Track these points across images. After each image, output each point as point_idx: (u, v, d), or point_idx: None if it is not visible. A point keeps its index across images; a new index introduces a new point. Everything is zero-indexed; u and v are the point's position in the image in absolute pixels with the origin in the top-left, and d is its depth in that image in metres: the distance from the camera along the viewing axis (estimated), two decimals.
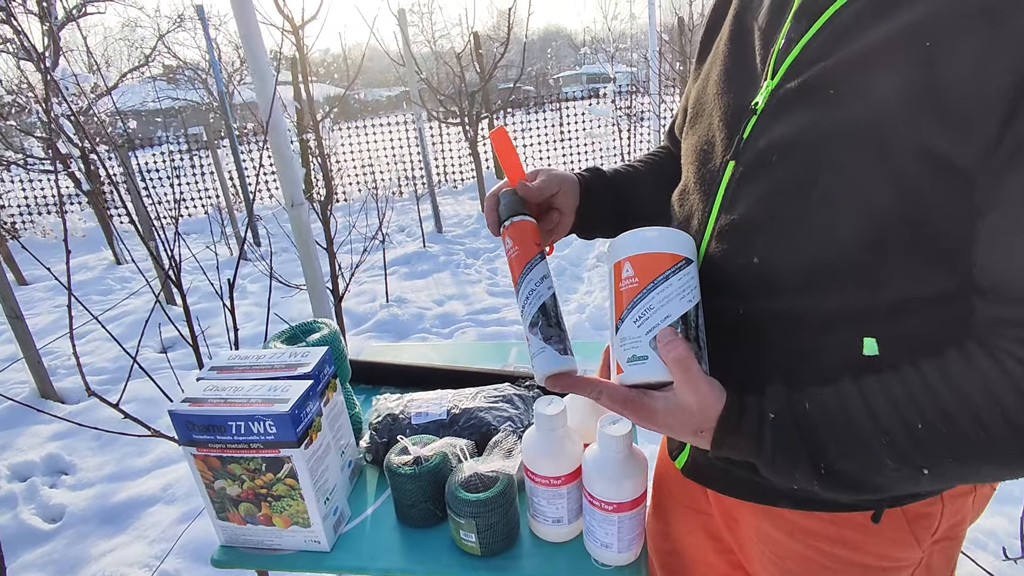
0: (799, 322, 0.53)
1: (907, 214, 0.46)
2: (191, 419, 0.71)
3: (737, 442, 0.50)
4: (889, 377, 0.48)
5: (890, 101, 0.45)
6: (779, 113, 0.53)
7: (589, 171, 0.77)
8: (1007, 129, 0.41)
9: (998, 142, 0.42)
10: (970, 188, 0.44)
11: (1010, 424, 0.42)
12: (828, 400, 0.49)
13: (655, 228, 0.56)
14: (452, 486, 0.72)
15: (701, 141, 0.64)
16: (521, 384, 0.99)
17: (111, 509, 1.96)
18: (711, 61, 0.68)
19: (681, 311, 0.53)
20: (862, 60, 0.48)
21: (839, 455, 0.47)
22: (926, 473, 0.46)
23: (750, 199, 0.55)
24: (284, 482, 0.73)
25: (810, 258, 0.51)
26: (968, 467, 0.45)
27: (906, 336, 0.50)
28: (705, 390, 0.50)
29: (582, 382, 0.54)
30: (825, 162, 0.49)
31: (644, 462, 0.68)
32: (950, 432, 0.44)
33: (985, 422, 0.43)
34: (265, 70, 1.43)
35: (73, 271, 5.32)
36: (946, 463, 0.45)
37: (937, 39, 0.44)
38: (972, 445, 0.44)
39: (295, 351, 0.82)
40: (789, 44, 0.54)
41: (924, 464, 0.45)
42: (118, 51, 14.55)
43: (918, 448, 0.45)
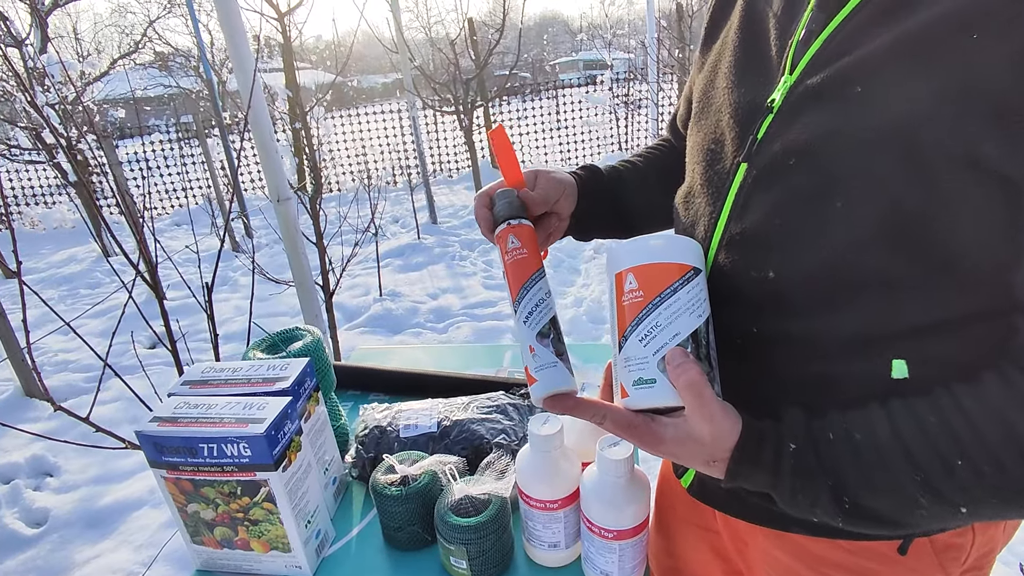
0: (819, 343, 0.48)
1: (943, 226, 0.41)
2: (160, 441, 0.66)
3: (753, 475, 0.46)
4: (921, 404, 0.43)
5: (928, 102, 0.40)
6: (798, 113, 0.48)
7: (585, 170, 0.72)
8: None
9: None
10: (1016, 200, 0.39)
11: None
12: (854, 429, 0.44)
13: (660, 235, 0.51)
14: (442, 510, 0.68)
15: (708, 139, 0.59)
16: (516, 392, 0.94)
17: (96, 513, 1.92)
18: (719, 50, 0.62)
19: (691, 328, 0.47)
20: (895, 55, 0.42)
21: (866, 492, 0.43)
22: (964, 512, 0.41)
23: (764, 206, 0.50)
24: (261, 506, 0.68)
25: (832, 274, 0.46)
26: (1011, 506, 0.41)
27: (937, 358, 0.45)
28: (719, 418, 0.45)
29: (584, 405, 0.49)
30: (850, 169, 0.43)
31: (647, 486, 0.64)
32: (993, 469, 0.39)
33: None
34: (247, 61, 1.36)
35: (62, 263, 5.25)
36: (987, 502, 0.41)
37: (986, 29, 0.38)
38: (1017, 481, 0.39)
39: (274, 363, 0.76)
40: (810, 36, 0.48)
41: (962, 503, 0.41)
42: (108, 37, 14.35)
43: (956, 486, 0.40)
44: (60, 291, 4.57)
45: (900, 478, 0.42)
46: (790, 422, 0.46)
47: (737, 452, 0.45)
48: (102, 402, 2.54)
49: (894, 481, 0.42)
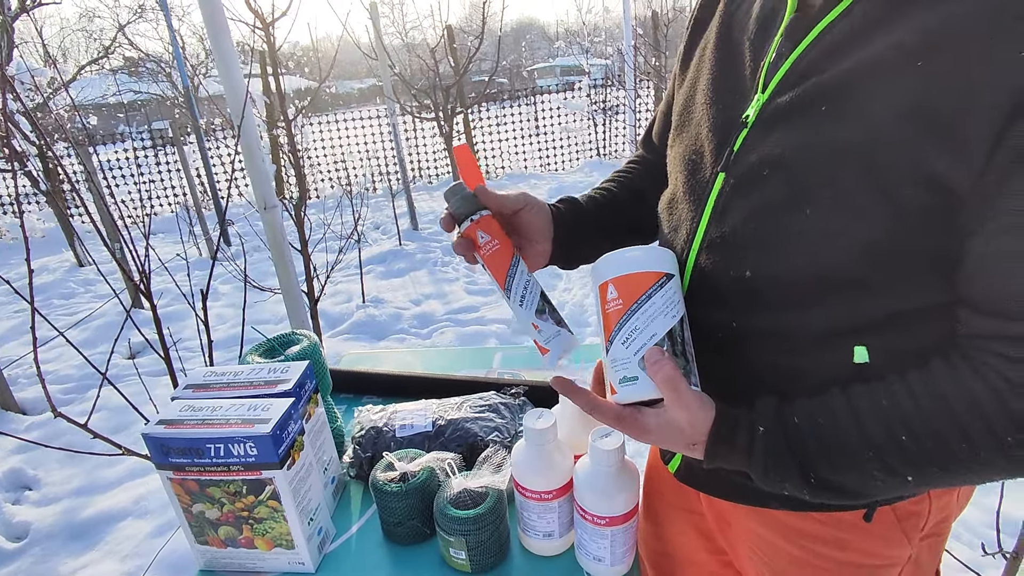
0: (791, 336, 0.53)
1: (901, 232, 0.46)
2: (167, 442, 0.68)
3: (729, 455, 0.51)
4: (876, 388, 0.49)
5: (884, 120, 0.45)
6: (770, 128, 0.53)
7: (562, 202, 0.76)
8: (995, 152, 0.42)
9: (985, 167, 0.42)
10: (960, 209, 0.44)
11: (993, 436, 0.44)
12: (817, 413, 0.50)
13: (636, 248, 0.57)
14: (440, 503, 0.71)
15: (689, 150, 0.64)
16: (506, 392, 0.98)
17: (79, 525, 1.89)
18: (696, 68, 0.67)
19: (666, 328, 0.53)
20: (854, 77, 0.47)
21: (827, 467, 0.49)
22: (910, 480, 0.47)
23: (741, 212, 0.55)
24: (266, 504, 0.70)
25: (803, 274, 0.51)
26: (952, 475, 0.47)
27: (897, 346, 0.50)
28: (695, 407, 0.50)
29: (581, 392, 0.55)
30: (817, 179, 0.49)
31: (636, 475, 0.68)
32: (935, 444, 0.45)
33: (969, 434, 0.44)
34: (235, 71, 1.38)
35: (34, 274, 5.12)
36: (931, 472, 0.46)
37: (930, 58, 0.44)
38: (956, 456, 0.45)
39: (274, 366, 0.79)
40: (779, 59, 0.54)
41: (909, 473, 0.47)
42: (76, 42, 14.03)
43: (904, 459, 0.46)
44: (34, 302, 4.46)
45: (857, 453, 0.47)
46: (761, 408, 0.52)
47: (713, 435, 0.51)
48: (84, 413, 2.50)
49: (852, 456, 0.48)
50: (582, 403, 0.54)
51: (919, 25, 0.45)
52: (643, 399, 0.53)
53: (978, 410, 0.44)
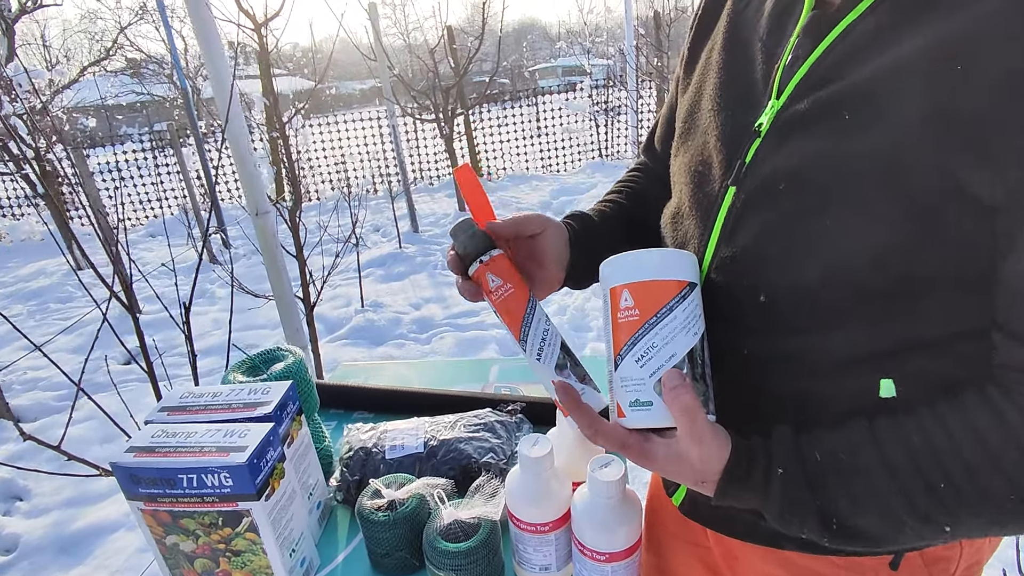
0: (809, 362, 0.49)
1: (930, 250, 0.42)
2: (136, 472, 0.64)
3: (741, 495, 0.47)
4: (906, 424, 0.44)
5: (913, 128, 0.41)
6: (786, 137, 0.48)
7: (574, 218, 0.70)
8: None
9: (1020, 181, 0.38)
10: (994, 223, 0.40)
11: None
12: (841, 451, 0.45)
13: (656, 251, 0.51)
14: (430, 535, 0.66)
15: (695, 161, 0.59)
16: (503, 409, 0.93)
17: (69, 537, 1.85)
18: (702, 72, 0.62)
19: (687, 347, 0.48)
20: (881, 82, 0.43)
21: (853, 512, 0.44)
22: (948, 531, 0.42)
23: (754, 229, 0.50)
24: (244, 536, 0.66)
25: (822, 296, 0.46)
26: (995, 525, 0.42)
27: (924, 376, 0.46)
28: (709, 442, 0.45)
29: (585, 408, 0.50)
30: (839, 194, 0.44)
31: (639, 507, 0.63)
32: (975, 489, 0.41)
33: (1013, 478, 0.40)
34: (223, 73, 1.34)
35: (31, 277, 5.10)
36: (970, 521, 0.42)
37: (963, 60, 0.39)
38: (1000, 502, 0.40)
39: (255, 387, 0.74)
40: (796, 61, 0.49)
41: (947, 522, 0.42)
42: (78, 44, 14.05)
43: (940, 506, 0.41)
44: (28, 306, 4.44)
45: (886, 499, 0.43)
46: (779, 442, 0.47)
47: (726, 474, 0.46)
48: (75, 422, 2.46)
49: (880, 502, 0.43)
50: (584, 423, 0.49)
51: (951, 25, 0.40)
52: (655, 426, 0.48)
53: (1021, 449, 0.39)
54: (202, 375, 2.91)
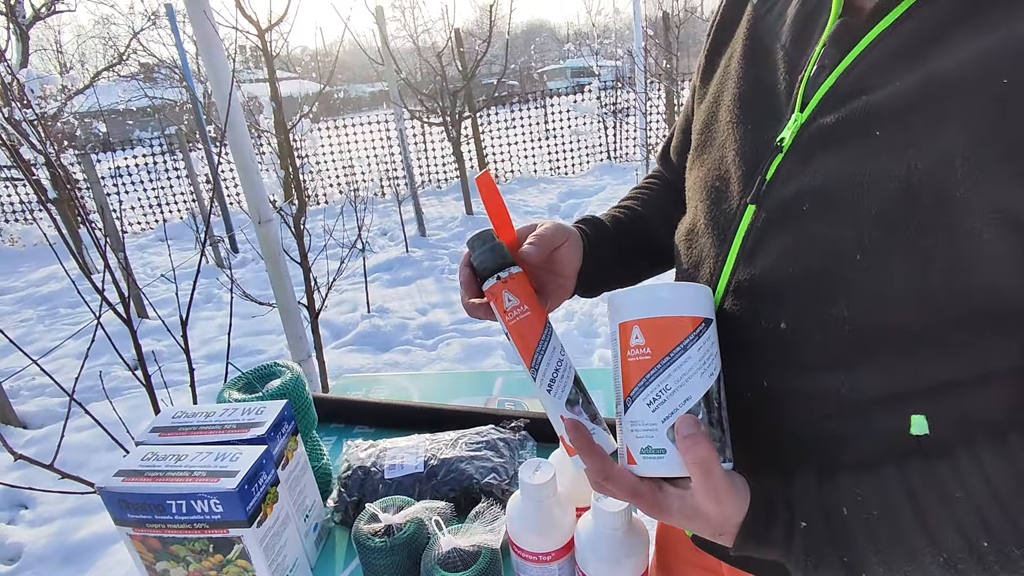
0: (834, 399, 0.45)
1: (972, 281, 0.38)
2: (125, 497, 0.62)
3: (761, 550, 0.44)
4: (943, 472, 0.40)
5: (955, 148, 0.37)
6: (811, 154, 0.45)
7: (586, 223, 0.68)
8: None
9: None
10: None
11: None
12: (870, 503, 0.41)
13: (669, 285, 0.48)
14: (428, 563, 0.64)
15: (712, 176, 0.55)
16: (506, 426, 0.90)
17: (72, 548, 1.85)
18: (719, 81, 0.58)
19: (703, 390, 0.44)
20: (917, 98, 0.39)
21: (884, 570, 0.41)
22: None
23: (775, 252, 0.46)
24: (235, 564, 0.64)
25: (850, 328, 0.42)
26: None
27: (962, 416, 0.42)
28: (726, 498, 0.42)
29: (596, 451, 0.46)
30: (871, 218, 0.40)
31: (646, 536, 0.60)
32: (1020, 545, 0.37)
33: None
34: (223, 78, 1.32)
35: (42, 282, 5.14)
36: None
37: (1013, 76, 0.35)
38: None
39: (249, 407, 0.72)
40: (821, 71, 0.45)
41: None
42: (93, 49, 14.21)
43: (982, 568, 0.38)
44: (39, 311, 4.47)
45: (919, 557, 0.39)
46: (801, 493, 0.43)
47: (744, 529, 0.43)
48: (81, 428, 2.46)
49: (913, 559, 0.39)
50: (595, 467, 0.46)
51: (998, 37, 0.36)
52: (668, 476, 0.45)
53: None
54: (208, 382, 2.91)
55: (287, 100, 3.16)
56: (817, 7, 0.49)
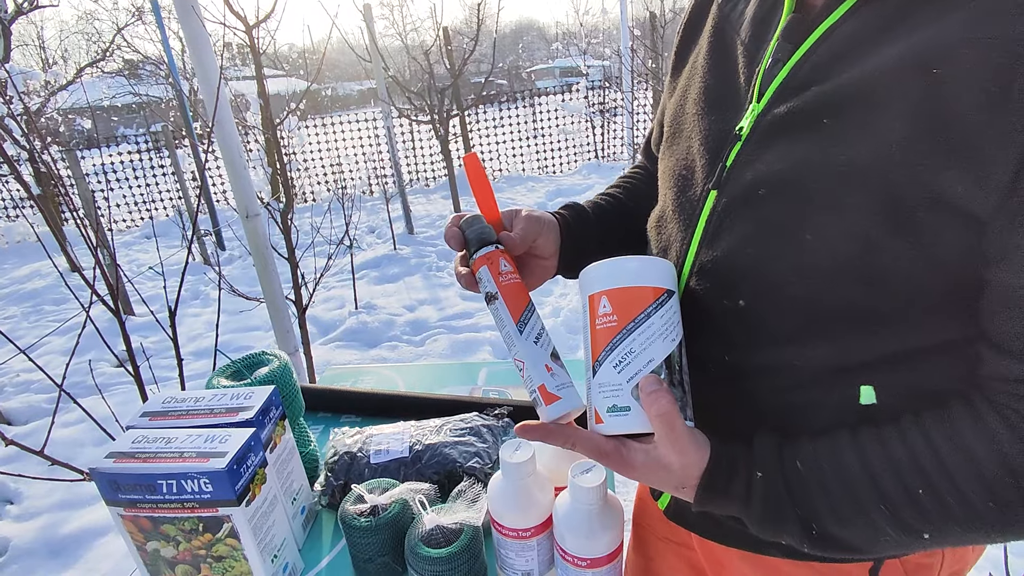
0: (791, 372, 0.48)
1: (913, 259, 0.41)
2: (116, 478, 0.63)
3: (722, 503, 0.47)
4: (889, 433, 0.43)
5: (895, 136, 0.40)
6: (766, 142, 0.48)
7: (568, 208, 0.71)
8: (1021, 174, 0.36)
9: (1012, 188, 0.37)
10: (981, 235, 0.39)
11: (1021, 491, 0.39)
12: (823, 459, 0.45)
13: (634, 257, 0.51)
14: (412, 540, 0.66)
15: (680, 165, 0.59)
16: (489, 413, 0.93)
17: (59, 541, 1.84)
18: (688, 76, 0.62)
19: (665, 353, 0.48)
20: (861, 88, 0.42)
21: (833, 521, 0.44)
22: (927, 538, 0.42)
23: (735, 235, 0.50)
24: (225, 542, 0.66)
25: (803, 305, 0.46)
26: (976, 535, 0.41)
27: (907, 384, 0.45)
28: (688, 448, 0.45)
29: (554, 433, 0.50)
30: (819, 201, 0.44)
31: (620, 512, 0.63)
32: (958, 501, 0.40)
33: (995, 490, 0.39)
34: (212, 74, 1.33)
35: (26, 279, 5.08)
36: (951, 531, 0.42)
37: (948, 66, 0.38)
38: (981, 515, 0.40)
39: (238, 392, 0.74)
40: (776, 64, 0.49)
41: (926, 531, 0.42)
42: (76, 44, 14.01)
43: (921, 517, 0.41)
44: (24, 308, 4.42)
45: (866, 508, 0.42)
46: (760, 449, 0.47)
47: (705, 480, 0.46)
48: (68, 423, 2.45)
49: (861, 511, 0.43)
50: (559, 443, 0.49)
51: (933, 29, 0.40)
52: (633, 432, 0.48)
53: (1004, 461, 0.39)
54: (195, 378, 2.90)
55: (275, 97, 3.16)
56: (774, 4, 0.53)
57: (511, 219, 0.62)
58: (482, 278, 0.57)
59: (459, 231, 0.59)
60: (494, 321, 0.57)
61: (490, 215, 0.61)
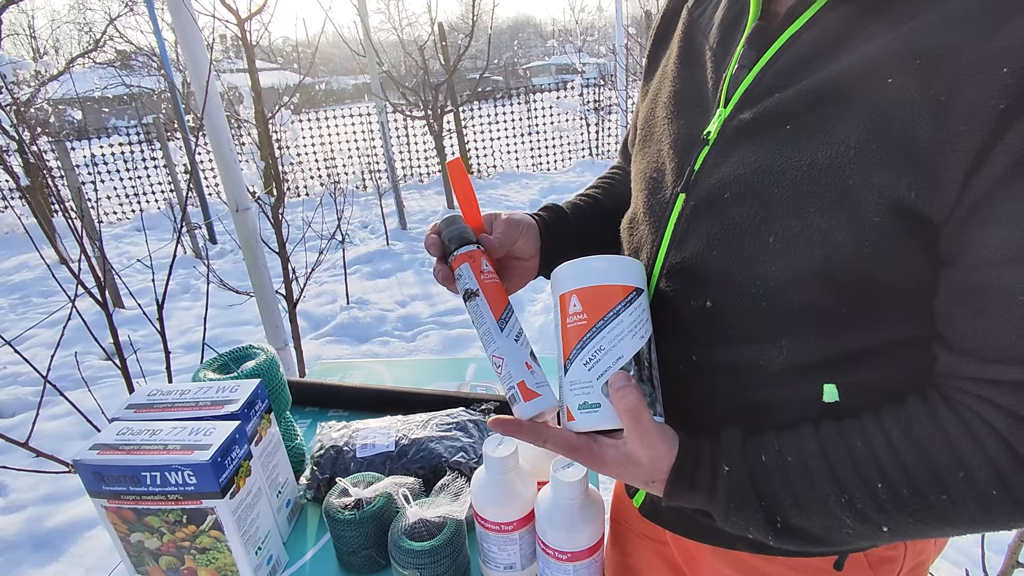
0: (756, 370, 0.49)
1: (871, 262, 0.43)
2: (100, 470, 0.63)
3: (690, 496, 0.48)
4: (850, 429, 0.45)
5: (851, 141, 0.41)
6: (732, 146, 0.49)
7: (547, 211, 0.72)
8: (970, 180, 0.38)
9: (961, 193, 0.38)
10: (934, 237, 0.41)
11: (972, 487, 0.40)
12: (786, 453, 0.46)
13: (603, 257, 0.52)
14: (395, 534, 0.67)
15: (651, 167, 0.60)
16: (476, 408, 0.94)
17: (45, 534, 1.84)
18: (659, 80, 0.63)
19: (634, 350, 0.49)
20: (821, 94, 0.44)
21: (796, 512, 0.45)
22: (885, 531, 0.44)
23: (701, 237, 0.51)
24: (208, 534, 0.66)
25: (767, 305, 0.47)
26: (929, 526, 0.43)
27: (868, 382, 0.47)
28: (656, 442, 0.47)
29: (526, 428, 0.50)
30: (782, 205, 0.45)
31: (601, 506, 0.64)
32: (911, 493, 0.42)
33: (947, 485, 0.41)
34: (202, 66, 1.33)
35: (13, 270, 5.04)
36: (906, 522, 0.43)
37: (901, 75, 0.40)
38: (933, 506, 0.41)
39: (223, 385, 0.74)
40: (741, 70, 0.50)
41: (883, 523, 0.43)
42: (68, 34, 13.85)
43: (878, 508, 0.43)
44: (11, 299, 4.38)
45: (827, 499, 0.44)
46: (727, 443, 0.48)
47: (674, 473, 0.47)
48: (55, 416, 2.44)
49: (821, 502, 0.44)
50: (531, 439, 0.50)
51: (887, 39, 0.41)
52: (603, 428, 0.49)
53: (957, 457, 0.41)
54: (185, 371, 2.89)
55: (268, 91, 3.15)
56: (740, 12, 0.54)
57: (491, 223, 0.63)
58: (462, 275, 0.57)
59: (438, 238, 0.60)
60: (471, 318, 0.57)
61: (473, 221, 0.62)
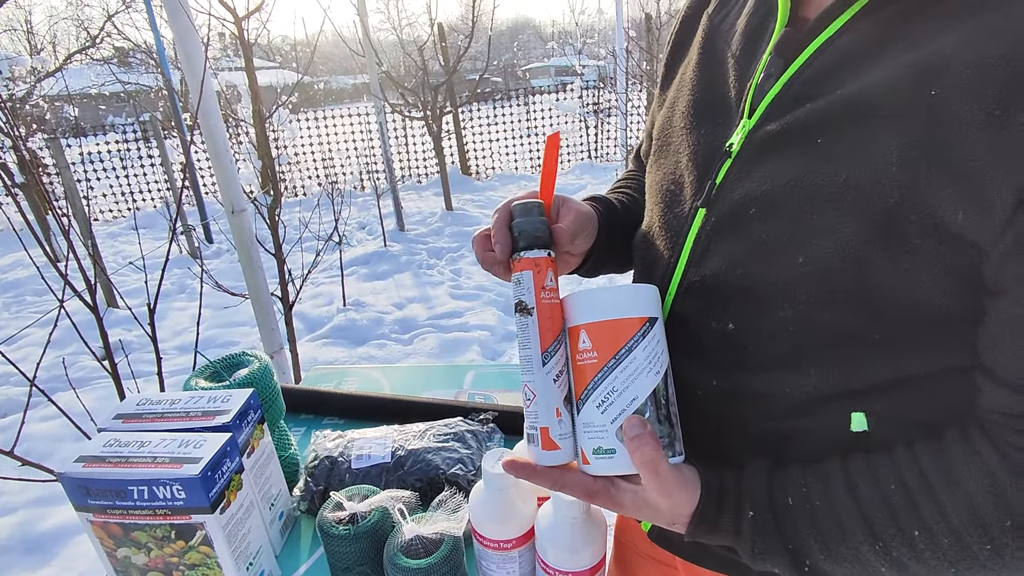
0: (781, 398, 0.46)
1: (910, 286, 0.39)
2: (85, 483, 0.61)
3: (713, 537, 0.46)
4: (882, 467, 0.42)
5: (889, 157, 0.38)
6: (757, 160, 0.46)
7: (599, 203, 0.66)
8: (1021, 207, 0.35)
9: (1013, 215, 0.35)
10: (980, 263, 0.38)
11: (1019, 532, 0.37)
12: (814, 495, 0.43)
13: (612, 288, 0.48)
14: (391, 551, 0.65)
15: (667, 180, 0.57)
16: (474, 418, 0.92)
17: (36, 538, 1.81)
18: (677, 88, 0.60)
19: (649, 388, 0.46)
20: (855, 105, 0.41)
21: (825, 558, 0.43)
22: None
23: (724, 255, 0.48)
24: (198, 550, 0.64)
25: (794, 328, 0.44)
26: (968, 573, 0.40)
27: (899, 412, 0.44)
28: (675, 491, 0.44)
29: (541, 474, 0.48)
30: (811, 222, 0.42)
31: (603, 525, 0.62)
32: (951, 541, 0.39)
33: (991, 532, 0.38)
34: (197, 65, 1.31)
35: (8, 268, 5.00)
36: (944, 571, 0.40)
37: (948, 85, 0.37)
38: (974, 555, 0.39)
39: (215, 395, 0.72)
40: (768, 79, 0.47)
41: (920, 571, 0.41)
42: (65, 30, 13.79)
43: (914, 556, 0.40)
44: (5, 298, 4.34)
45: (859, 546, 0.41)
46: (749, 485, 0.45)
47: (696, 518, 0.45)
48: (47, 418, 2.41)
49: (853, 548, 0.42)
50: (547, 485, 0.48)
51: (932, 47, 0.38)
52: (619, 474, 0.47)
53: (1004, 505, 0.38)
54: (179, 373, 2.86)
55: (267, 90, 3.13)
56: (765, 17, 0.51)
57: (558, 208, 0.56)
58: (522, 282, 0.50)
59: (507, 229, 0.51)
60: (517, 331, 0.51)
61: (546, 196, 0.54)
